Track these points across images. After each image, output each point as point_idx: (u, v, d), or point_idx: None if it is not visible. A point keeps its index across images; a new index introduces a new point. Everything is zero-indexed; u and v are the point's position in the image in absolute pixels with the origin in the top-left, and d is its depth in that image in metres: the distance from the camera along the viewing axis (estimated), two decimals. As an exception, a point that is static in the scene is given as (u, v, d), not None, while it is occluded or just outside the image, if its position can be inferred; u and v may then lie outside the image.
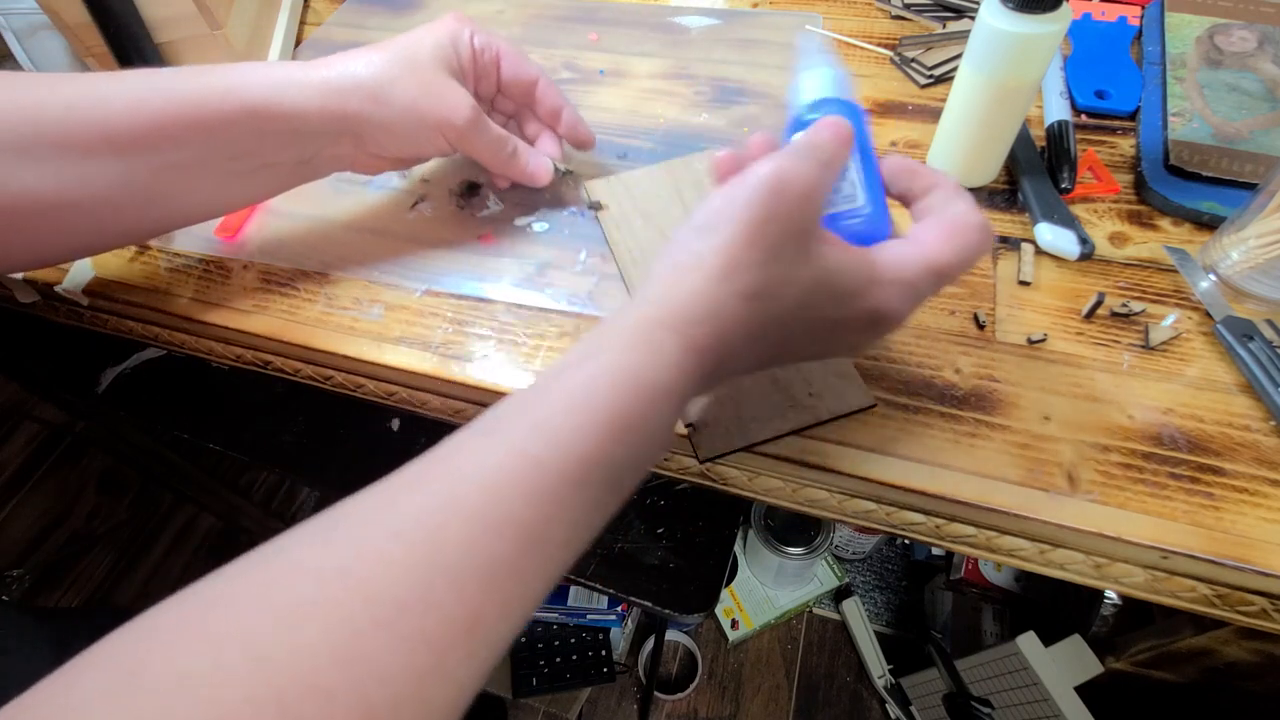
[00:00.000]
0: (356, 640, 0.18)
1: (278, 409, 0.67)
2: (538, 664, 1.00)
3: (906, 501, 0.34)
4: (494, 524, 0.21)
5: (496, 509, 0.21)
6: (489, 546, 0.21)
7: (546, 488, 0.22)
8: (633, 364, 0.24)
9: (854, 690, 1.12)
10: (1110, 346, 0.36)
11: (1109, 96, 0.47)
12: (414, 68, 0.37)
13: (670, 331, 0.25)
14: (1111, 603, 0.68)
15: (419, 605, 0.19)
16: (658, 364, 0.25)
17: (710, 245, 0.26)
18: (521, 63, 0.42)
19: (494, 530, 0.21)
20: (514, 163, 0.42)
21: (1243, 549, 0.29)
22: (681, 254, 0.27)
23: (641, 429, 0.24)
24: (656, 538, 0.60)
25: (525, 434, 0.23)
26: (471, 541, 0.21)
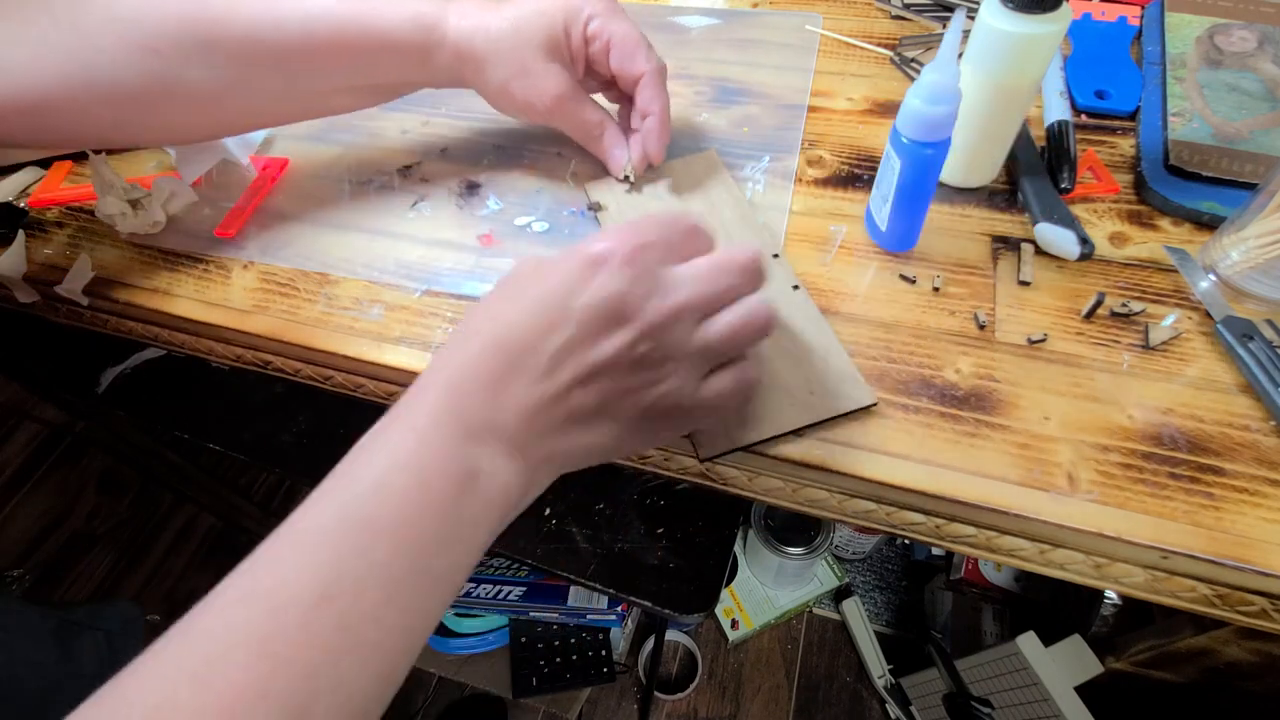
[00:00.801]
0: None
1: (278, 409, 0.67)
2: (538, 664, 1.00)
3: (906, 501, 0.34)
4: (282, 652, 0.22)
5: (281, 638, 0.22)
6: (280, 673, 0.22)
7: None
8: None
9: (854, 690, 1.12)
10: (1110, 346, 0.36)
11: (1109, 96, 0.47)
12: (517, 45, 0.38)
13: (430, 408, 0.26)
14: (1111, 603, 0.68)
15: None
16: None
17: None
18: (630, 58, 0.40)
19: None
20: (596, 146, 0.43)
21: (1243, 549, 0.29)
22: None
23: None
24: (656, 538, 0.60)
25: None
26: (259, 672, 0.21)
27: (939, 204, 0.43)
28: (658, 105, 0.42)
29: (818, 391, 0.35)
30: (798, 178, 0.45)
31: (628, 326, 0.27)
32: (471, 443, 0.26)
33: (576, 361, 0.26)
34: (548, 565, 0.59)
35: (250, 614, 0.22)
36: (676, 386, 0.28)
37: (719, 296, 0.29)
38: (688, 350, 0.28)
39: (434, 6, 0.38)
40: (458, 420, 0.26)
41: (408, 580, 0.24)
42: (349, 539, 0.23)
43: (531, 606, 0.90)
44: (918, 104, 0.34)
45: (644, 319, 0.27)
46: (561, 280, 0.27)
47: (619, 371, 0.27)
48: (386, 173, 0.48)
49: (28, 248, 0.46)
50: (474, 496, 0.25)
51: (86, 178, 0.50)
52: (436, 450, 0.25)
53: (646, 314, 0.27)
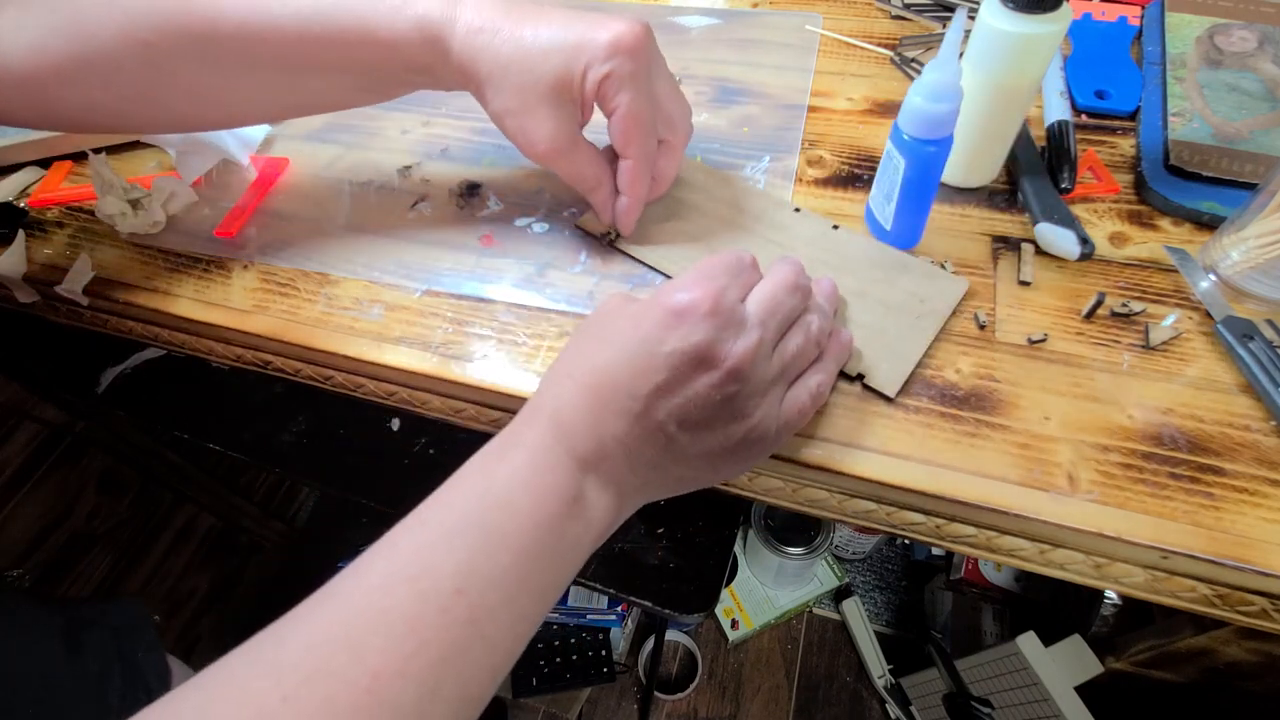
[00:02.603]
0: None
1: (278, 409, 0.67)
2: (538, 664, 1.00)
3: (906, 501, 0.34)
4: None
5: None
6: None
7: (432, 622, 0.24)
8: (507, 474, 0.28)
9: (854, 690, 1.12)
10: (1110, 346, 0.36)
11: (1109, 96, 0.47)
12: (523, 79, 0.35)
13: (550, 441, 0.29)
14: (1111, 603, 0.68)
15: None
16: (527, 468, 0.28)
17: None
18: (623, 139, 0.38)
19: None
20: (588, 197, 0.41)
21: (1243, 549, 0.29)
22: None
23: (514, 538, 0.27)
24: (656, 538, 0.60)
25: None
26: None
27: (939, 203, 0.43)
28: (632, 191, 0.39)
29: (927, 298, 0.37)
30: (798, 178, 0.45)
31: (714, 370, 0.28)
32: (579, 470, 0.28)
33: (668, 403, 0.28)
34: (548, 565, 0.59)
35: (397, 597, 0.24)
36: (762, 417, 0.30)
37: (785, 321, 0.31)
38: (769, 380, 0.30)
39: (442, 8, 0.35)
40: (566, 450, 0.28)
41: (521, 586, 0.26)
42: (479, 542, 0.26)
43: (531, 606, 0.90)
44: (920, 101, 0.34)
45: (729, 362, 0.28)
46: (651, 328, 0.28)
47: (709, 411, 0.29)
48: (386, 173, 0.48)
49: (28, 248, 0.46)
50: (578, 518, 0.28)
51: (86, 178, 0.50)
52: (550, 474, 0.28)
53: (730, 357, 0.28)
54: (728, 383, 0.28)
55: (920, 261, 0.39)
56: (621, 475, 0.29)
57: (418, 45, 0.36)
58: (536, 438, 0.28)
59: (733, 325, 0.29)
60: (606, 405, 0.28)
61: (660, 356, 0.28)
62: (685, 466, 0.30)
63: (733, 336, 0.29)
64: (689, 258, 0.41)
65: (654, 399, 0.28)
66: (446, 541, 0.26)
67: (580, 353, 0.30)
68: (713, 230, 0.42)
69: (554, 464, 0.28)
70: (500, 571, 0.26)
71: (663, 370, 0.28)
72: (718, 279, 0.30)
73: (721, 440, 0.30)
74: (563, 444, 0.28)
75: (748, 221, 0.42)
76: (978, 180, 0.43)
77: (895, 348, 0.36)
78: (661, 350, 0.28)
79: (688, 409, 0.28)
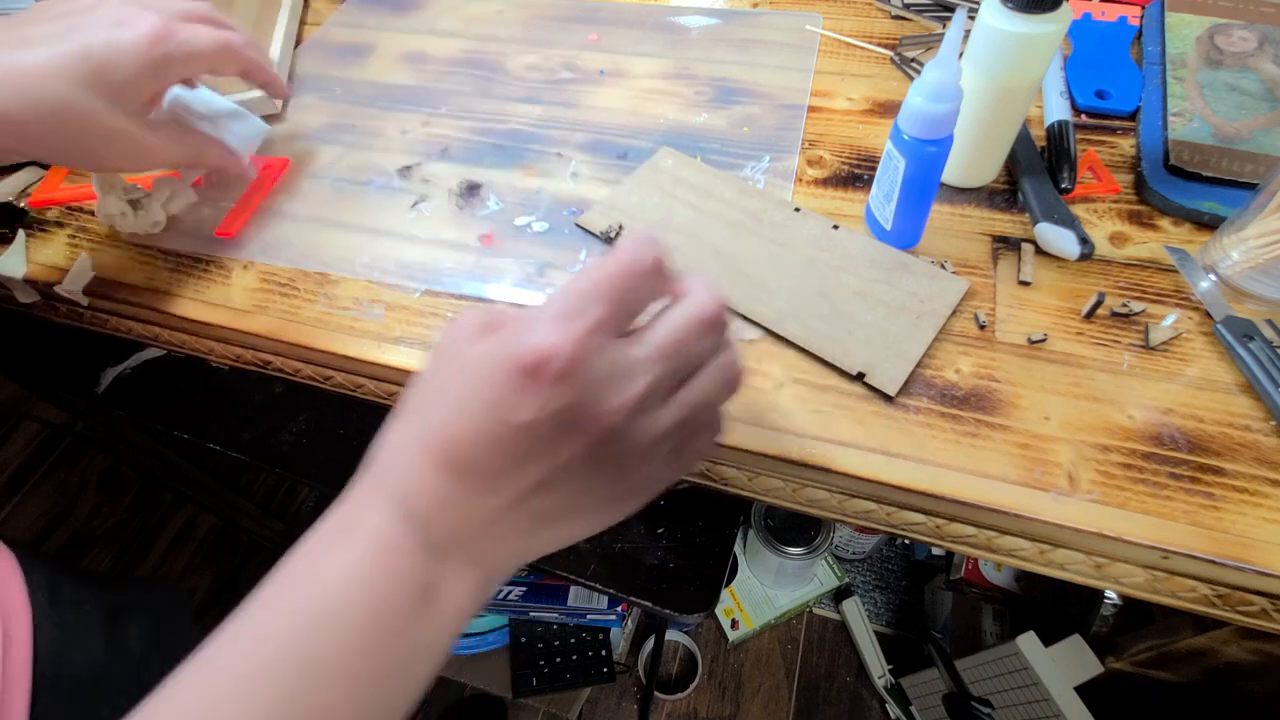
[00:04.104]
0: None
1: (278, 409, 0.67)
2: (538, 664, 1.00)
3: (906, 501, 0.34)
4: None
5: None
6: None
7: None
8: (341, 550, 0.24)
9: (854, 690, 1.12)
10: (1110, 346, 0.36)
11: (1109, 96, 0.47)
12: (86, 111, 0.35)
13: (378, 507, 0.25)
14: (1111, 603, 0.68)
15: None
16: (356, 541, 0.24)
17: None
18: (234, 62, 0.41)
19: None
20: (209, 159, 0.42)
21: (1243, 549, 0.29)
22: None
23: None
24: (656, 538, 0.60)
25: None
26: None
27: (939, 203, 0.43)
28: (261, 69, 0.43)
29: (927, 298, 0.37)
30: (798, 178, 0.45)
31: (581, 433, 0.23)
32: (433, 559, 0.24)
33: (528, 475, 0.24)
34: (548, 565, 0.59)
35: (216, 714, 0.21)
36: (649, 468, 0.25)
37: (685, 366, 0.25)
38: (657, 432, 0.25)
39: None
40: (415, 536, 0.24)
41: (361, 708, 0.23)
42: (301, 674, 0.22)
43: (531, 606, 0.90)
44: (920, 101, 0.34)
45: (600, 424, 0.23)
46: (502, 392, 0.22)
47: (581, 474, 0.24)
48: (386, 173, 0.48)
49: (28, 248, 0.46)
50: (431, 617, 0.24)
51: (86, 178, 0.50)
52: (394, 568, 0.23)
53: (602, 418, 0.23)
54: (598, 446, 0.23)
55: (920, 261, 0.39)
56: (488, 552, 0.25)
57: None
58: (378, 524, 0.24)
59: (602, 378, 0.23)
60: (463, 481, 0.24)
61: (515, 427, 0.22)
62: (559, 529, 0.26)
63: (606, 390, 0.23)
64: (689, 257, 0.41)
65: (511, 470, 0.23)
66: (257, 678, 0.22)
67: (426, 412, 0.25)
68: (712, 230, 0.42)
69: (399, 555, 0.23)
70: (327, 706, 0.22)
71: (522, 442, 0.23)
72: (587, 314, 0.23)
73: (600, 499, 0.26)
74: (410, 529, 0.24)
75: (748, 221, 0.42)
76: (978, 180, 0.43)
77: (896, 347, 0.36)
78: (516, 420, 0.22)
79: (553, 478, 0.24)
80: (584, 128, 0.50)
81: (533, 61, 0.56)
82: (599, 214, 0.44)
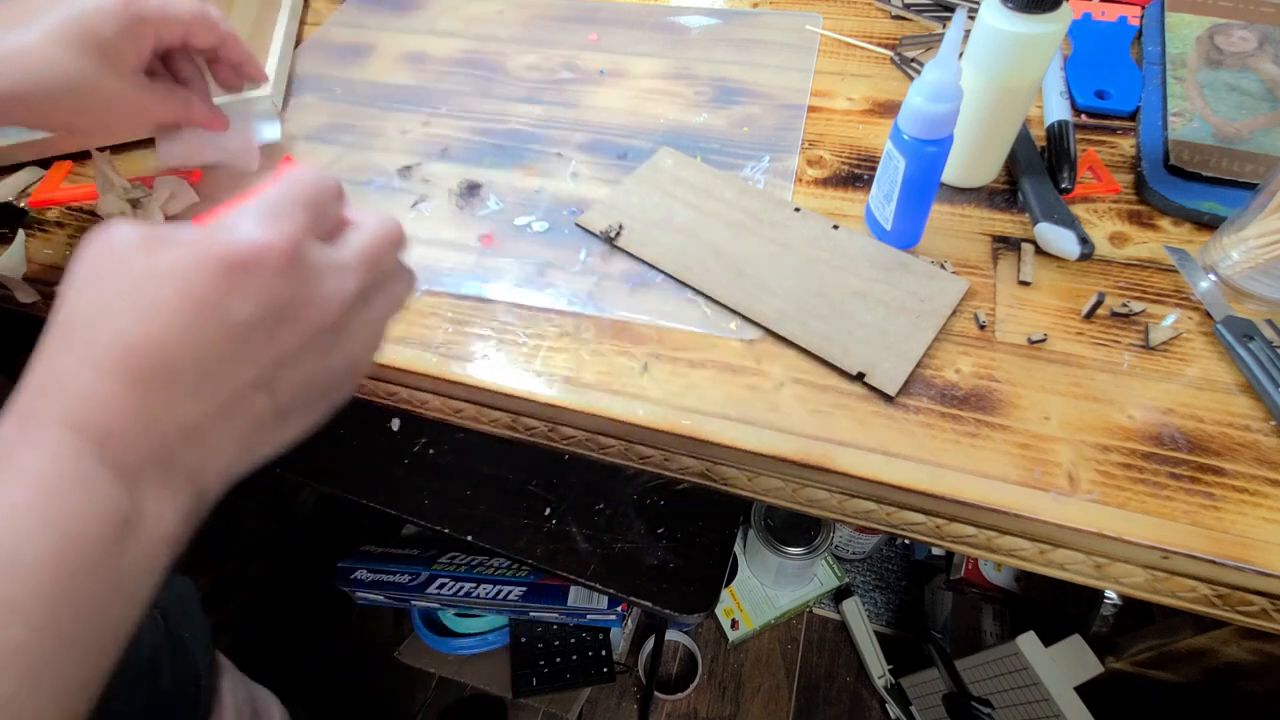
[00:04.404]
0: None
1: (278, 409, 0.67)
2: (538, 664, 1.00)
3: (906, 501, 0.34)
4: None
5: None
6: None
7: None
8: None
9: (854, 690, 1.12)
10: (1110, 346, 0.36)
11: (1109, 96, 0.47)
12: (79, 78, 0.36)
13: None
14: (1111, 603, 0.68)
15: None
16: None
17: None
18: (211, 31, 0.41)
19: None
20: (192, 123, 0.42)
21: (1243, 549, 0.29)
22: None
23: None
24: (656, 538, 0.60)
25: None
26: None
27: (939, 203, 0.43)
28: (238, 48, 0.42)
29: (928, 298, 0.37)
30: (798, 178, 0.45)
31: (300, 325, 0.23)
32: (127, 484, 0.21)
33: (242, 376, 0.23)
34: (548, 565, 0.59)
35: None
36: (354, 353, 0.26)
37: (380, 277, 0.27)
38: (367, 324, 0.27)
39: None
40: (102, 462, 0.21)
41: (53, 659, 0.20)
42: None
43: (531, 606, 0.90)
44: (920, 101, 0.34)
45: (317, 317, 0.24)
46: (209, 291, 0.22)
47: (296, 368, 0.24)
48: (386, 173, 0.48)
49: (28, 248, 0.46)
50: (133, 546, 0.21)
51: (86, 177, 0.50)
52: (75, 503, 0.20)
53: (319, 311, 0.24)
54: (315, 338, 0.24)
55: (920, 261, 0.39)
56: (197, 467, 0.23)
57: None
58: (49, 455, 0.21)
59: (317, 274, 0.24)
60: (162, 393, 0.22)
61: (229, 326, 0.22)
62: (281, 428, 0.26)
63: (320, 284, 0.24)
64: (690, 256, 0.41)
65: (225, 370, 0.22)
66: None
67: (95, 327, 0.22)
68: (712, 230, 0.42)
69: (84, 485, 0.21)
70: (14, 654, 0.19)
71: (234, 340, 0.22)
72: (295, 216, 0.23)
73: (312, 382, 0.26)
74: (94, 455, 0.21)
75: (748, 221, 0.42)
76: (978, 180, 0.43)
77: (896, 347, 0.36)
78: (230, 319, 0.22)
79: (274, 372, 0.24)
80: (584, 128, 0.50)
81: (533, 61, 0.56)
82: (599, 214, 0.44)
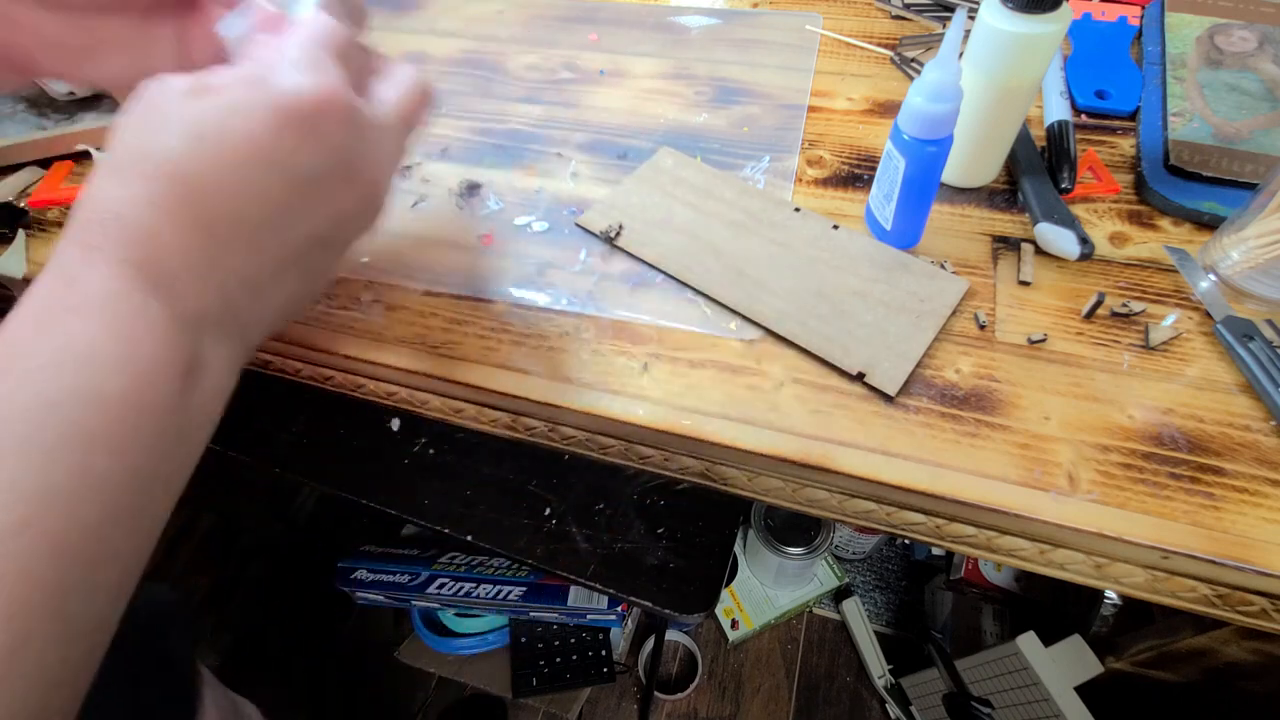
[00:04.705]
0: None
1: (277, 409, 0.67)
2: (537, 664, 1.00)
3: (906, 501, 0.34)
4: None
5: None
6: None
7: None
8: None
9: (854, 690, 1.12)
10: (1110, 346, 0.36)
11: (1109, 96, 0.47)
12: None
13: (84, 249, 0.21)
14: (1111, 603, 0.68)
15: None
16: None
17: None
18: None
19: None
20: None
21: (1243, 549, 0.29)
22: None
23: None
24: (656, 538, 0.60)
25: None
26: None
27: (939, 203, 0.43)
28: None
29: (927, 298, 0.37)
30: (798, 178, 0.45)
31: (358, 183, 0.24)
32: (190, 331, 0.22)
33: (307, 227, 0.23)
34: (548, 565, 0.59)
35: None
36: (387, 188, 0.27)
37: (421, 118, 0.28)
38: (396, 161, 0.27)
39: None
40: (167, 306, 0.21)
41: (131, 492, 0.20)
42: (57, 450, 0.19)
43: (531, 606, 0.90)
44: (920, 101, 0.34)
45: (372, 174, 0.24)
46: (271, 138, 0.22)
47: (349, 224, 0.25)
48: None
49: (28, 248, 0.46)
50: (197, 394, 0.22)
51: (86, 177, 0.50)
52: (147, 347, 0.21)
53: (375, 168, 0.25)
54: (369, 193, 0.25)
55: (920, 261, 0.39)
56: (247, 318, 0.24)
57: None
58: (116, 296, 0.21)
59: (373, 129, 0.24)
60: (226, 242, 0.22)
61: (296, 179, 0.22)
62: (316, 277, 0.26)
63: (376, 141, 0.24)
64: (690, 256, 0.41)
65: (289, 225, 0.23)
66: (7, 460, 0.19)
67: (159, 166, 0.21)
68: (712, 230, 0.42)
69: (152, 328, 0.21)
70: (96, 481, 0.19)
71: (301, 193, 0.23)
72: (334, 67, 0.23)
73: (352, 229, 0.26)
74: (159, 298, 0.21)
75: (748, 221, 0.42)
76: (978, 180, 0.43)
77: (896, 347, 0.36)
78: (298, 171, 0.22)
79: (327, 228, 0.24)
80: (584, 128, 0.50)
81: (533, 61, 0.56)
82: (599, 214, 0.44)
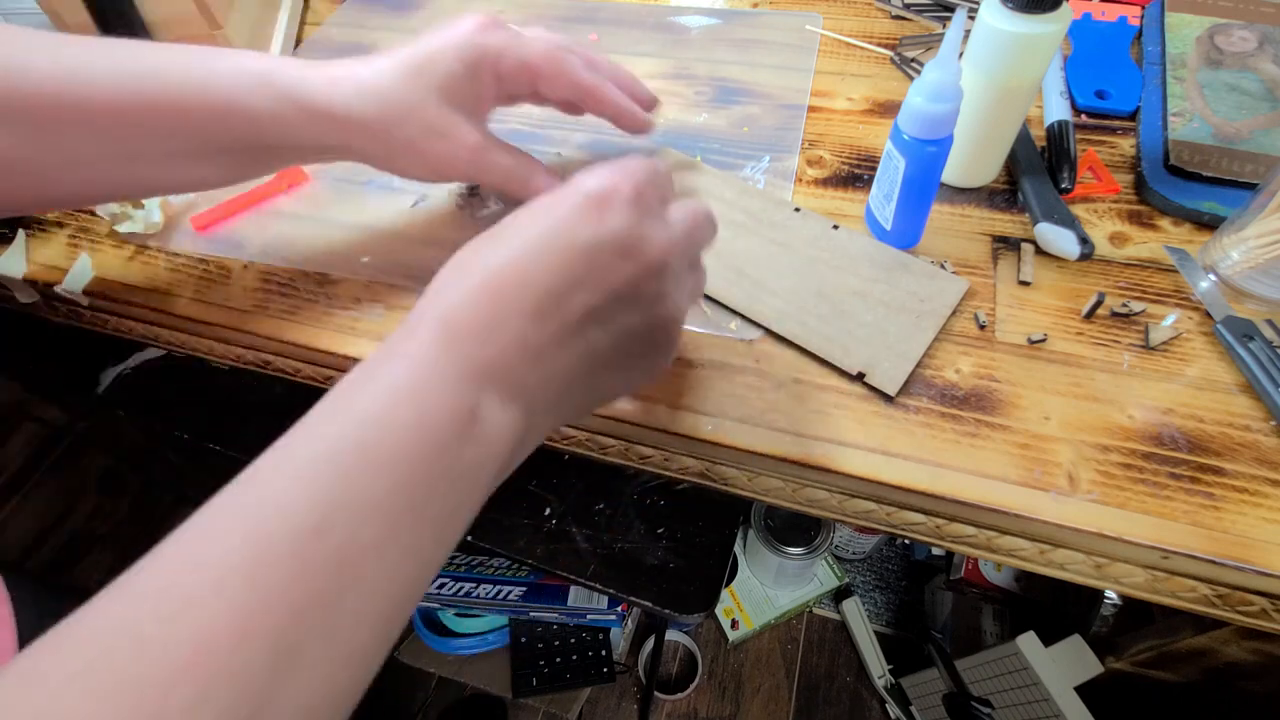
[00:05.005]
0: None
1: (278, 409, 0.67)
2: (538, 664, 1.00)
3: (906, 501, 0.34)
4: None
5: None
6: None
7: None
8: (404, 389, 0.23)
9: (854, 690, 1.12)
10: (1110, 346, 0.36)
11: (1109, 96, 0.47)
12: (419, 104, 0.35)
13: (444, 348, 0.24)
14: (1111, 603, 0.68)
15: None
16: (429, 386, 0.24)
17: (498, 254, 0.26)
18: (564, 79, 0.38)
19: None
20: (525, 189, 0.39)
21: (1243, 549, 0.29)
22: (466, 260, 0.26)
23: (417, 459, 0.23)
24: (656, 538, 0.60)
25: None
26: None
27: (939, 203, 0.43)
28: (609, 87, 0.39)
29: (928, 298, 0.37)
30: (798, 178, 0.45)
31: (635, 260, 0.26)
32: (470, 382, 0.24)
33: (582, 298, 0.25)
34: (548, 565, 0.59)
35: (233, 544, 0.19)
36: (675, 306, 0.28)
37: (694, 247, 0.30)
38: (680, 293, 0.29)
39: (261, 61, 0.34)
40: (458, 359, 0.24)
41: (407, 519, 0.22)
42: (346, 470, 0.21)
43: (531, 606, 0.90)
44: (920, 101, 0.34)
45: (651, 253, 0.26)
46: (564, 216, 0.25)
47: (625, 309, 0.26)
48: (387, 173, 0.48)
49: (28, 247, 0.46)
50: (475, 440, 0.24)
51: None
52: (437, 387, 0.23)
53: (654, 248, 0.26)
54: (649, 277, 0.26)
55: (920, 261, 0.39)
56: (528, 387, 0.25)
57: (240, 89, 0.33)
58: (419, 347, 0.24)
59: (654, 216, 0.27)
60: (509, 304, 0.24)
61: (576, 248, 0.25)
62: (598, 373, 0.27)
63: (654, 228, 0.26)
64: None
65: (568, 294, 0.25)
66: (304, 474, 0.21)
67: (476, 251, 0.26)
68: None
69: (442, 375, 0.24)
70: (377, 503, 0.21)
71: (579, 262, 0.25)
72: (636, 175, 0.27)
73: (637, 333, 0.27)
74: (453, 352, 0.24)
75: (748, 221, 0.42)
76: (978, 180, 0.43)
77: (896, 347, 0.36)
78: (578, 241, 0.25)
79: (604, 303, 0.26)
80: (584, 128, 0.50)
81: (533, 61, 0.56)
82: None
